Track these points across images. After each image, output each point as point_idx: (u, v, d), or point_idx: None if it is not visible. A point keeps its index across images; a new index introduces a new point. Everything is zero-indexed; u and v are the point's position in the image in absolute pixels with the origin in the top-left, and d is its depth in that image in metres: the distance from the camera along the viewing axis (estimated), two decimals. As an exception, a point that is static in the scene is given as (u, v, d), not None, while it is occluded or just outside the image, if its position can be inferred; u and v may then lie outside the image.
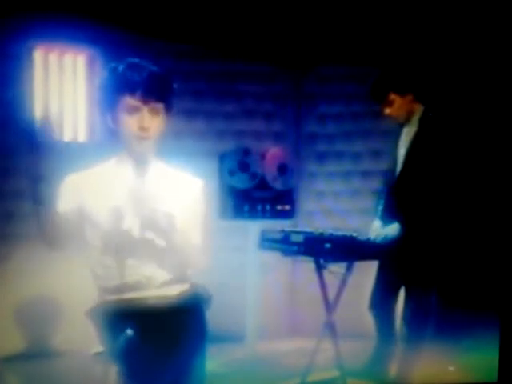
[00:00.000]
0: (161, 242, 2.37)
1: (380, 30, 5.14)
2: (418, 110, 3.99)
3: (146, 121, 2.34)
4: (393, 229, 3.82)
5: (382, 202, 4.13)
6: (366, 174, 5.59)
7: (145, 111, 2.34)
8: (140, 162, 2.36)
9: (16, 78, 4.86)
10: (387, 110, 3.98)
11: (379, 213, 4.08)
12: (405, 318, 3.99)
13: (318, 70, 5.79)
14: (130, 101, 2.34)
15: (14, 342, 4.80)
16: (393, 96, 3.94)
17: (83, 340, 2.54)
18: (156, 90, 2.36)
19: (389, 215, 3.96)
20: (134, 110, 2.34)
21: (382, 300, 4.05)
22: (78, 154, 2.56)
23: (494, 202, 4.77)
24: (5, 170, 4.84)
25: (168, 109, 2.41)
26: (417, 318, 3.95)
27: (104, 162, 2.46)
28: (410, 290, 3.99)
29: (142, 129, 2.34)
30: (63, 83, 5.11)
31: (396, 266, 3.86)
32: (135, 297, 2.36)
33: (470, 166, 4.07)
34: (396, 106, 3.96)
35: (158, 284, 2.38)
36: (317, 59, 5.70)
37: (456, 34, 4.96)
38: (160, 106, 2.37)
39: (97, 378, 2.49)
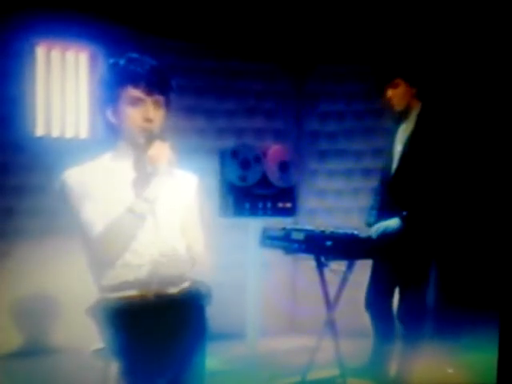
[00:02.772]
0: (163, 239, 2.37)
1: (382, 28, 5.14)
2: (416, 106, 3.97)
3: (150, 112, 2.34)
4: (393, 222, 3.81)
5: (378, 198, 4.12)
6: (367, 172, 5.59)
7: (149, 103, 2.35)
8: (141, 156, 2.33)
9: (18, 74, 4.86)
10: (389, 93, 3.92)
11: (372, 212, 4.10)
12: (400, 317, 3.99)
13: (320, 68, 5.78)
14: (133, 92, 2.34)
15: (14, 339, 4.80)
16: (399, 80, 3.91)
17: (83, 337, 2.54)
18: (158, 83, 2.36)
19: (385, 212, 3.95)
20: (137, 102, 2.34)
21: (377, 299, 4.03)
22: (80, 151, 2.53)
23: (492, 198, 4.77)
24: (4, 166, 4.84)
25: (168, 103, 2.41)
26: (412, 316, 3.93)
27: (99, 158, 2.43)
28: (404, 288, 3.98)
29: (147, 120, 2.34)
30: (65, 80, 5.12)
31: (390, 263, 3.85)
32: (136, 294, 2.35)
33: (466, 163, 4.05)
34: (398, 92, 3.91)
35: (158, 281, 2.38)
36: (318, 57, 5.70)
37: (455, 34, 4.97)
38: (162, 98, 2.38)
39: (96, 375, 2.49)
